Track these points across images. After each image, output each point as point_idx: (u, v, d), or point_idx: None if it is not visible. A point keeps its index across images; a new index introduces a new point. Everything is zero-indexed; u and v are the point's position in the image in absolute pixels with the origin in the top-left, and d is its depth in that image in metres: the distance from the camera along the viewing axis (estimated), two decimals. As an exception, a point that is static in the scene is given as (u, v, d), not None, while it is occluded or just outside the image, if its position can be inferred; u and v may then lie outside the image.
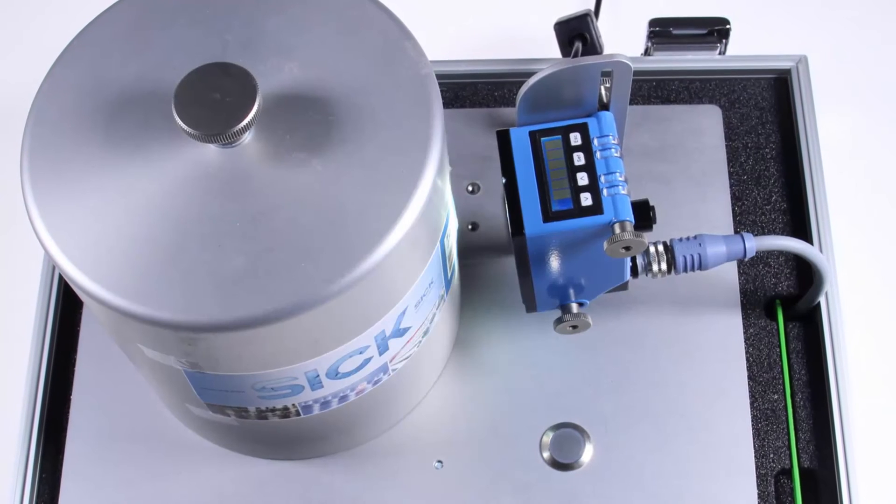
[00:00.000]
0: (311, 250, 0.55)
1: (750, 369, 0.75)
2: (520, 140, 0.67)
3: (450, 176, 0.64)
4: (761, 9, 0.93)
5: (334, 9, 0.60)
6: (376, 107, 0.58)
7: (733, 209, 0.79)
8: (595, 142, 0.67)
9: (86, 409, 0.75)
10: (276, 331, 0.55)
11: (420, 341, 0.67)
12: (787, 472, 0.73)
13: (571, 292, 0.70)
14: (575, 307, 0.70)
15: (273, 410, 0.65)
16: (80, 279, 0.56)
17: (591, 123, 0.67)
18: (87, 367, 0.76)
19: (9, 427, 0.78)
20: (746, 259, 0.72)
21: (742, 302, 0.76)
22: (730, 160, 0.80)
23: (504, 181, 0.67)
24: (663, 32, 0.81)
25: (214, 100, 0.55)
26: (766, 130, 0.81)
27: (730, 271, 0.77)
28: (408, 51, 0.59)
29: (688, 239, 0.69)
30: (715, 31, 0.81)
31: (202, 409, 0.66)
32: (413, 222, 0.56)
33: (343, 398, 0.66)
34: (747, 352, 0.75)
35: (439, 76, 0.64)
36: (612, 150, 0.66)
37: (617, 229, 0.64)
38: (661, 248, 0.69)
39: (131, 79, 0.59)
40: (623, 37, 0.85)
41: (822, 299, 0.75)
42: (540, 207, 0.65)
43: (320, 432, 0.70)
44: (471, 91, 0.83)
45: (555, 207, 0.65)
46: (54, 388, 0.75)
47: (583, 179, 0.66)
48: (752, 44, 0.86)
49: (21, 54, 0.93)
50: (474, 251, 0.78)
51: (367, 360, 0.63)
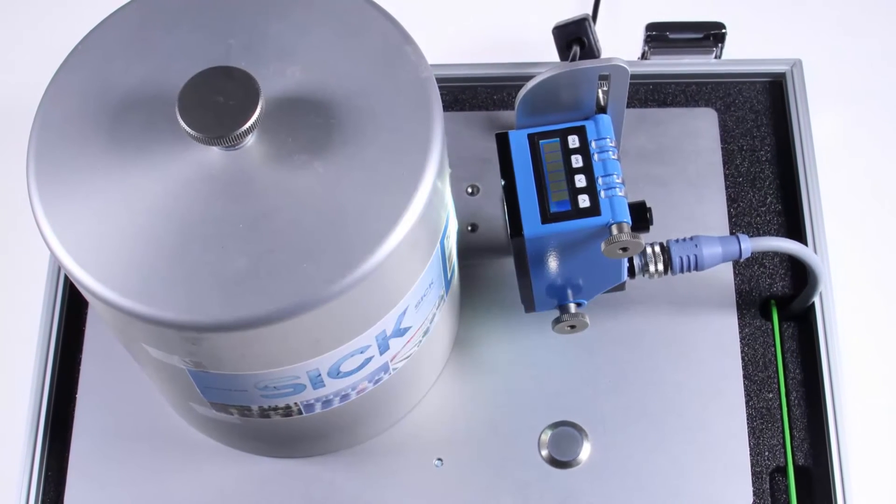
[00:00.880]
0: (312, 251, 0.55)
1: (745, 368, 0.75)
2: (518, 143, 0.67)
3: (449, 178, 0.64)
4: (756, 13, 0.93)
5: (335, 13, 0.60)
6: (377, 110, 0.58)
7: (729, 211, 0.79)
8: (593, 144, 0.67)
9: (91, 407, 0.75)
10: (278, 331, 0.55)
11: (420, 341, 0.67)
12: (782, 470, 0.73)
13: (569, 293, 0.70)
14: (573, 307, 0.70)
15: (275, 409, 0.65)
16: (86, 279, 0.56)
17: (589, 126, 0.67)
18: (92, 366, 0.76)
19: (15, 425, 0.78)
20: (742, 260, 0.72)
21: (738, 302, 0.76)
22: (725, 162, 0.80)
23: (503, 183, 0.67)
24: (660, 36, 0.81)
25: (218, 103, 0.55)
26: (762, 133, 0.81)
27: (725, 272, 0.77)
28: (408, 54, 0.59)
29: (684, 240, 0.69)
30: (711, 35, 0.81)
31: (205, 408, 0.66)
32: (413, 224, 0.56)
33: (344, 397, 0.66)
34: (743, 351, 0.75)
35: (439, 79, 0.64)
36: (610, 152, 0.66)
37: (614, 230, 0.64)
38: (657, 248, 0.69)
39: (136, 82, 0.59)
40: (620, 41, 0.85)
41: (816, 300, 0.75)
42: (538, 209, 0.65)
43: (322, 430, 0.70)
44: (470, 94, 0.83)
45: (553, 209, 0.65)
46: (60, 387, 0.75)
47: (580, 181, 0.66)
48: (748, 48, 0.86)
49: (27, 58, 0.93)
50: (474, 252, 0.78)
51: (368, 360, 0.63)
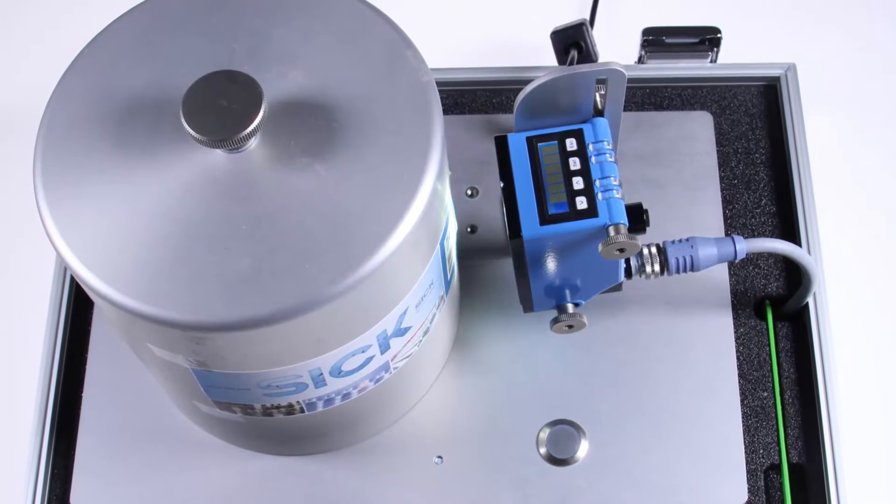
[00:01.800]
0: (314, 252, 0.55)
1: (740, 367, 0.75)
2: (517, 145, 0.67)
3: (449, 180, 0.64)
4: (751, 18, 0.93)
5: (337, 18, 0.60)
6: (378, 113, 0.58)
7: (724, 212, 0.79)
8: (590, 147, 0.67)
9: (96, 406, 0.75)
10: (281, 330, 0.55)
11: (420, 340, 0.67)
12: (777, 468, 0.73)
13: (567, 293, 0.70)
14: (571, 307, 0.70)
15: (278, 407, 0.65)
16: (91, 280, 0.56)
17: (587, 129, 0.67)
18: (98, 365, 0.76)
19: (22, 424, 0.78)
20: (737, 261, 0.72)
21: (733, 302, 0.76)
22: (721, 165, 0.80)
23: (502, 185, 0.67)
24: (656, 41, 0.81)
25: (221, 106, 0.55)
26: (756, 136, 0.81)
27: (721, 273, 0.77)
28: (409, 59, 0.59)
29: (680, 241, 0.69)
30: (706, 39, 0.81)
31: (209, 407, 0.66)
32: (414, 225, 0.56)
33: (346, 396, 0.66)
34: (738, 350, 0.75)
35: (439, 83, 0.64)
36: (607, 155, 0.66)
37: (611, 232, 0.64)
38: (654, 250, 0.69)
39: (141, 86, 0.59)
40: (617, 45, 0.85)
41: (810, 300, 0.75)
42: (537, 211, 0.65)
43: (324, 429, 0.70)
44: (470, 98, 0.83)
45: (551, 211, 0.65)
46: (66, 386, 0.75)
47: (578, 184, 0.66)
48: (743, 52, 0.86)
49: (34, 61, 0.93)
50: (473, 253, 0.78)
51: (370, 359, 0.63)
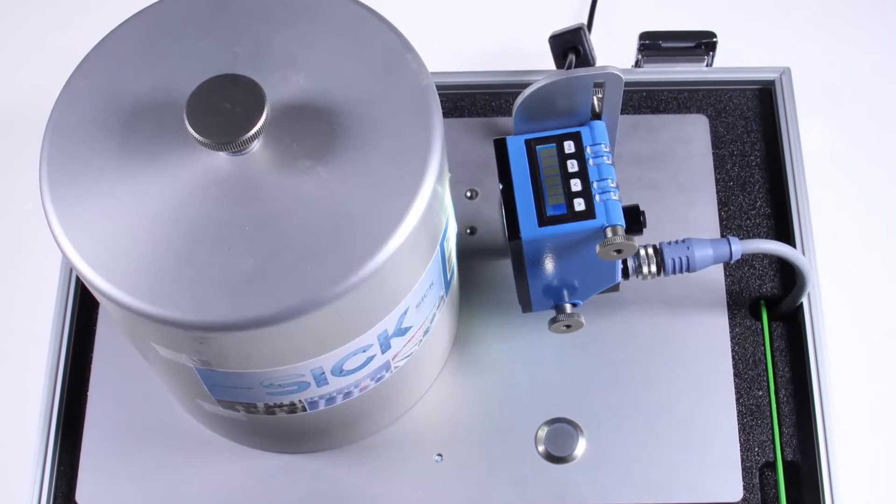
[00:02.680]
0: (316, 253, 0.55)
1: (735, 367, 0.75)
2: (516, 148, 0.67)
3: (449, 182, 0.64)
4: (747, 23, 0.93)
5: (339, 23, 0.60)
6: (379, 116, 0.58)
7: (720, 214, 0.79)
8: (588, 150, 0.67)
9: (102, 404, 0.75)
10: (283, 330, 0.55)
11: (421, 340, 0.67)
12: (771, 465, 0.73)
13: (565, 293, 0.70)
14: (569, 307, 0.70)
15: (280, 406, 0.65)
16: (97, 281, 0.56)
17: (584, 132, 0.67)
18: (103, 364, 0.76)
19: (29, 422, 0.78)
20: (732, 261, 0.73)
21: (728, 303, 0.76)
22: (716, 167, 0.80)
23: (501, 187, 0.67)
24: (653, 45, 0.81)
25: (225, 109, 0.55)
26: (751, 139, 0.81)
27: (716, 273, 0.77)
28: (409, 63, 0.59)
29: (676, 242, 0.69)
30: (702, 44, 0.81)
31: (213, 405, 0.66)
32: (414, 226, 0.56)
33: (347, 394, 0.66)
34: (733, 350, 0.75)
35: (439, 87, 0.64)
36: (605, 157, 0.66)
37: (609, 233, 0.64)
38: (650, 251, 0.69)
39: (145, 89, 0.59)
40: (615, 49, 0.85)
41: (804, 300, 0.75)
42: (535, 212, 0.65)
43: (325, 427, 0.70)
44: (469, 101, 0.83)
45: (549, 212, 0.65)
46: (71, 384, 0.75)
47: (576, 185, 0.66)
48: (738, 56, 0.86)
49: (40, 65, 0.93)
50: (473, 254, 0.78)
51: (371, 359, 0.63)
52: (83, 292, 0.77)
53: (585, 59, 0.72)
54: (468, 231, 0.78)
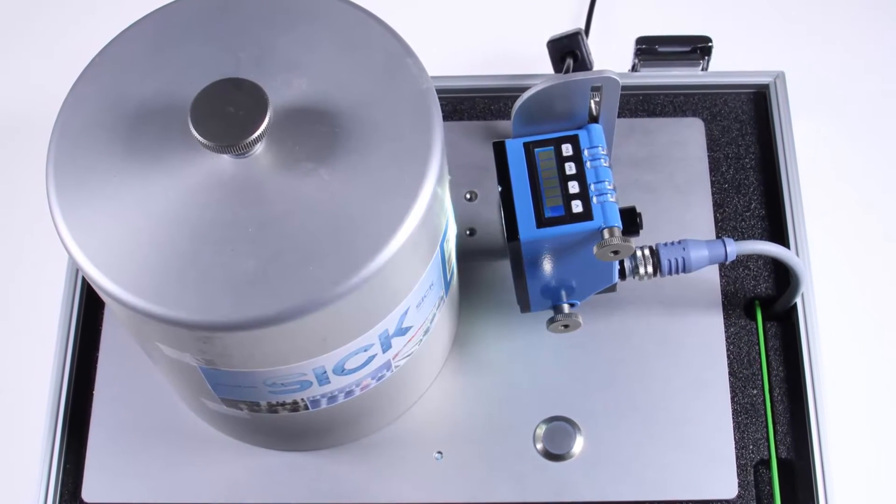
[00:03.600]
0: (318, 254, 0.55)
1: (731, 366, 0.75)
2: (515, 151, 0.67)
3: (449, 184, 0.64)
4: (742, 28, 0.93)
5: (340, 28, 0.60)
6: (380, 119, 0.58)
7: (715, 215, 0.79)
8: (585, 152, 0.67)
9: (107, 403, 0.75)
10: (285, 330, 0.55)
11: (421, 340, 0.67)
12: (766, 463, 0.73)
13: (563, 294, 0.70)
14: (567, 308, 0.70)
15: (283, 405, 0.65)
16: (102, 281, 0.56)
17: (582, 135, 0.67)
18: (109, 364, 0.76)
19: (36, 421, 0.78)
20: (727, 262, 0.73)
21: (723, 303, 0.76)
22: (712, 170, 0.80)
23: (500, 189, 0.67)
24: (649, 50, 0.81)
25: (228, 113, 0.55)
26: (746, 142, 0.81)
27: (712, 274, 0.77)
28: (409, 67, 0.59)
29: (672, 244, 0.69)
30: (698, 48, 0.81)
31: (216, 404, 0.66)
32: (414, 228, 0.56)
33: (349, 393, 0.66)
34: (728, 349, 0.75)
35: (439, 90, 0.64)
36: (602, 160, 0.66)
37: (606, 234, 0.64)
38: (647, 252, 0.69)
39: (150, 93, 0.59)
40: (612, 54, 0.85)
41: (798, 300, 0.75)
42: (533, 214, 0.65)
43: (327, 425, 0.70)
44: (469, 105, 0.83)
45: (547, 214, 0.65)
46: (77, 384, 0.75)
47: (574, 188, 0.66)
48: (733, 60, 0.86)
49: (46, 69, 0.94)
50: (472, 255, 0.78)
51: (372, 358, 0.63)
52: (89, 293, 0.77)
53: (583, 64, 0.72)
54: (468, 232, 0.78)
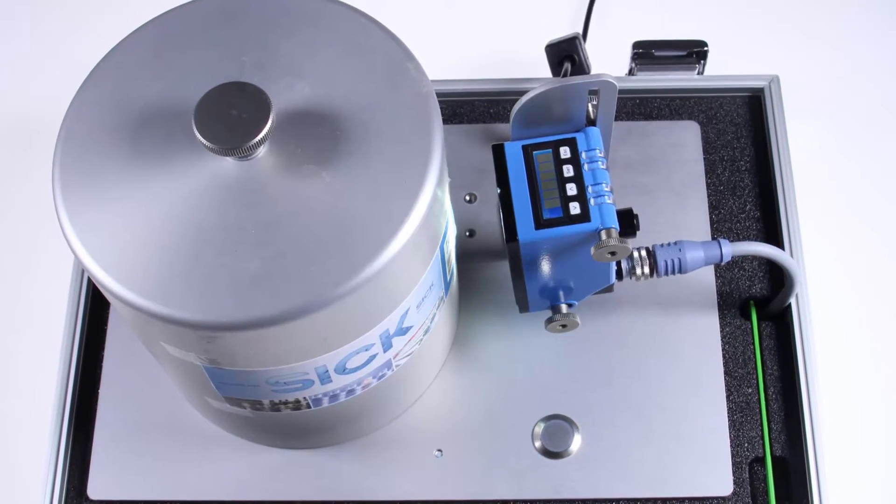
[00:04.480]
0: (320, 255, 0.55)
1: (726, 365, 0.75)
2: (513, 153, 0.67)
3: (449, 186, 0.64)
4: (737, 32, 0.93)
5: (342, 32, 0.60)
6: (381, 123, 0.58)
7: (710, 217, 0.79)
8: (583, 155, 0.67)
9: (112, 402, 0.75)
10: (287, 330, 0.55)
11: (421, 339, 0.67)
12: (761, 460, 0.73)
13: (561, 294, 0.70)
14: (564, 308, 0.70)
15: (286, 403, 0.65)
16: (108, 282, 0.56)
17: (580, 138, 0.67)
18: (114, 363, 0.76)
19: (42, 418, 0.78)
20: (723, 263, 0.73)
21: (719, 303, 0.76)
22: (707, 172, 0.80)
23: (499, 191, 0.67)
24: (646, 54, 0.81)
25: (231, 116, 0.55)
26: (741, 144, 0.81)
27: (707, 274, 0.77)
28: (410, 71, 0.59)
29: (669, 245, 0.69)
30: (694, 52, 0.81)
31: (220, 402, 0.66)
32: (415, 229, 0.56)
33: (350, 392, 0.66)
34: (723, 349, 0.75)
35: (439, 94, 0.64)
36: (599, 162, 0.67)
37: (603, 236, 0.64)
38: (643, 253, 0.69)
39: (154, 97, 0.59)
40: (609, 58, 0.85)
41: (792, 301, 0.75)
42: (532, 215, 0.65)
43: (329, 423, 0.70)
44: (468, 108, 0.83)
45: (546, 216, 0.65)
46: (83, 382, 0.75)
47: (571, 190, 0.66)
48: (728, 64, 0.86)
49: (52, 74, 0.94)
50: (471, 256, 0.78)
51: (373, 357, 0.63)
52: (95, 293, 0.77)
53: (580, 68, 0.72)
54: (467, 233, 0.78)
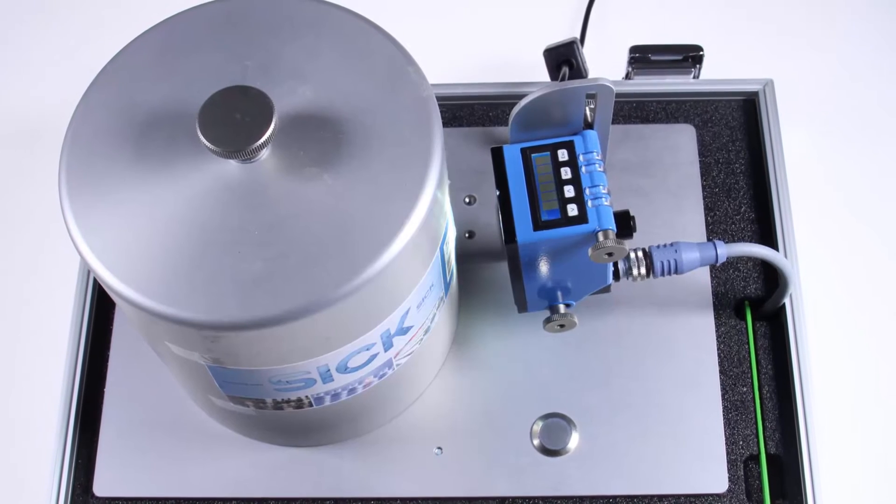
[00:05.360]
0: (322, 256, 0.55)
1: (721, 364, 0.75)
2: (512, 156, 0.67)
3: (448, 188, 0.64)
4: (732, 37, 0.93)
5: (344, 37, 0.60)
6: (382, 126, 0.58)
7: (706, 219, 0.79)
8: (581, 158, 0.67)
9: (118, 400, 0.75)
10: (290, 329, 0.55)
11: (422, 339, 0.67)
12: (755, 458, 0.73)
13: (559, 294, 0.70)
14: (562, 308, 0.70)
15: (288, 402, 0.65)
16: (113, 283, 0.56)
17: (577, 141, 0.67)
18: (119, 362, 0.76)
19: (49, 417, 0.78)
20: (718, 264, 0.72)
21: (714, 303, 0.76)
22: (703, 174, 0.80)
23: (498, 193, 0.67)
24: (642, 58, 0.81)
25: (235, 119, 0.55)
26: (736, 147, 0.81)
27: (703, 275, 0.77)
28: (410, 75, 0.59)
29: (665, 246, 0.69)
30: (689, 57, 0.81)
31: (223, 401, 0.66)
32: (415, 231, 0.56)
33: (352, 391, 0.66)
34: (719, 348, 0.75)
35: (439, 98, 0.64)
36: (596, 165, 0.67)
37: (600, 237, 0.64)
38: (640, 254, 0.69)
39: (159, 100, 0.59)
40: (606, 62, 0.85)
41: (786, 301, 0.75)
42: (530, 217, 0.65)
43: (331, 421, 0.70)
44: (468, 111, 0.83)
45: (544, 217, 0.65)
46: (89, 382, 0.75)
47: (569, 192, 0.66)
48: (723, 69, 0.86)
49: (59, 78, 0.94)
50: (471, 257, 0.78)
51: (374, 356, 0.63)
52: (100, 294, 0.77)
53: (578, 72, 0.72)
54: (467, 235, 0.78)
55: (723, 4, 0.95)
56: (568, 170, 0.66)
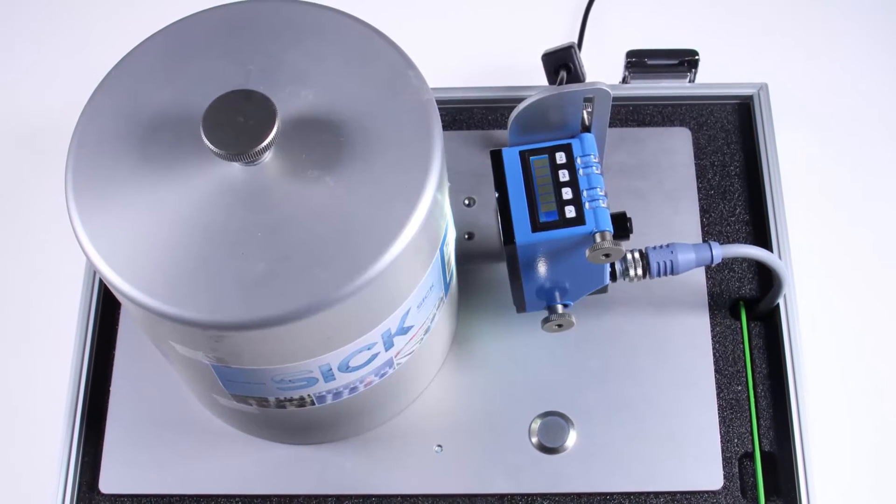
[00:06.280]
0: (324, 257, 0.55)
1: (716, 363, 0.75)
2: (511, 159, 0.67)
3: (448, 191, 0.64)
4: (727, 41, 0.93)
5: (345, 42, 0.60)
6: (383, 129, 0.58)
7: (701, 220, 0.79)
8: (578, 160, 0.67)
9: (123, 399, 0.75)
10: (292, 329, 0.55)
11: (422, 338, 0.67)
12: (750, 455, 0.73)
13: (557, 295, 0.70)
14: (560, 308, 0.70)
15: (291, 400, 0.65)
16: (119, 283, 0.56)
17: (575, 144, 0.67)
18: (125, 361, 0.76)
19: (55, 416, 0.78)
20: (713, 265, 0.72)
21: (709, 303, 0.76)
22: (698, 177, 0.80)
23: (497, 195, 0.66)
24: (639, 62, 0.81)
25: (238, 123, 0.55)
26: (731, 150, 0.81)
27: (699, 276, 0.77)
28: (411, 79, 0.59)
29: (661, 247, 0.69)
30: (685, 61, 0.81)
31: (227, 399, 0.66)
32: (415, 232, 0.56)
33: (353, 389, 0.66)
34: (714, 348, 0.75)
35: (439, 101, 0.64)
36: (594, 167, 0.66)
37: (598, 238, 0.64)
38: (637, 255, 0.69)
39: (164, 104, 0.59)
40: (603, 66, 0.85)
41: (780, 301, 0.75)
42: (529, 219, 0.65)
43: (333, 420, 0.70)
44: (467, 115, 0.82)
45: (542, 219, 0.65)
46: (95, 380, 0.75)
47: (567, 194, 0.66)
48: (719, 73, 0.86)
49: (64, 81, 0.94)
50: (470, 258, 0.78)
51: (375, 356, 0.63)
52: (106, 294, 0.77)
53: (576, 76, 0.72)
54: (466, 236, 0.78)
55: (718, 10, 0.95)
56: (566, 172, 0.66)
